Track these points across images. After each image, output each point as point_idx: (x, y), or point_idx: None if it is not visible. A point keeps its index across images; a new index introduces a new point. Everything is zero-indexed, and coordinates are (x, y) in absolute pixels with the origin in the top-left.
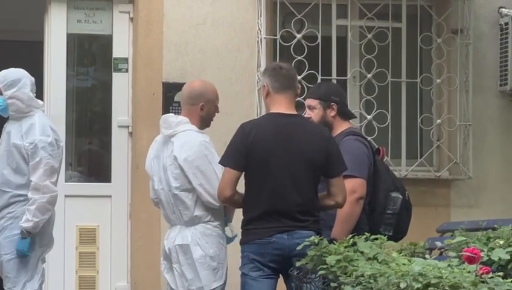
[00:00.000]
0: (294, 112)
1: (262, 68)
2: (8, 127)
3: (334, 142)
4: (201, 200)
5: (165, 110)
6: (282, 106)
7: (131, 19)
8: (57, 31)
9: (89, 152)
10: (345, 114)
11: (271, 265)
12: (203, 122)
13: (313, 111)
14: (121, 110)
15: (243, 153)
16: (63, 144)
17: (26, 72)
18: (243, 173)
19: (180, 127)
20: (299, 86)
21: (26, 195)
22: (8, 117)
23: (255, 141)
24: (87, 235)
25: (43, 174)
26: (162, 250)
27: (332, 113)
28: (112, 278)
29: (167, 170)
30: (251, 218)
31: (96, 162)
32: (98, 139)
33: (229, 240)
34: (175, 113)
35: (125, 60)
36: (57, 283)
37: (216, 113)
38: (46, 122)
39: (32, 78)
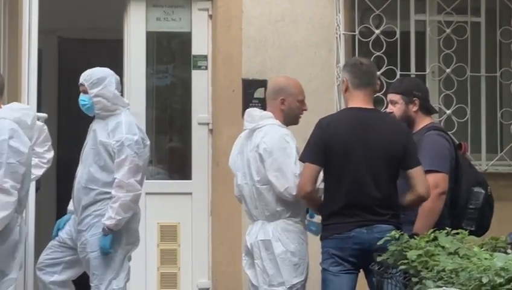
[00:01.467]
0: (372, 107)
1: (341, 64)
2: (94, 125)
3: (412, 136)
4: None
5: (245, 107)
6: (360, 101)
7: (210, 16)
8: (136, 29)
9: (169, 150)
10: (427, 109)
11: (351, 260)
12: (287, 118)
13: (395, 106)
14: (200, 108)
15: (321, 148)
16: (149, 142)
17: (111, 71)
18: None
19: (263, 121)
20: (379, 83)
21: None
22: (94, 116)
23: (333, 136)
24: (168, 233)
25: (128, 172)
26: (244, 246)
27: (415, 108)
28: (193, 275)
29: (250, 164)
30: (330, 213)
31: (177, 159)
32: (178, 137)
33: (319, 228)
34: None
35: (205, 57)
36: (139, 280)
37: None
38: (133, 121)
39: (117, 77)
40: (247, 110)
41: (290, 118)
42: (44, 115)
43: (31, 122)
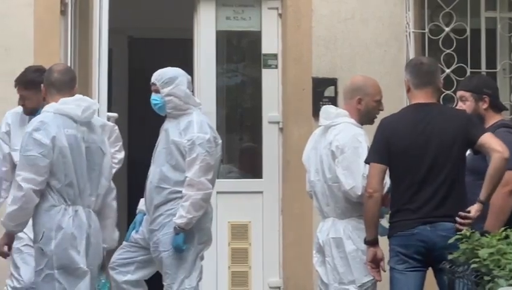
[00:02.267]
0: (432, 102)
1: None
2: (166, 124)
3: (474, 119)
4: None
5: (315, 105)
6: (421, 99)
7: (280, 15)
8: (206, 28)
9: (239, 149)
10: (497, 107)
11: (416, 257)
12: (363, 117)
13: (465, 103)
14: (271, 106)
15: (384, 146)
16: (220, 141)
17: (182, 70)
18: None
19: (338, 119)
20: (441, 80)
21: None
22: (165, 116)
23: (394, 133)
24: (239, 231)
25: (199, 170)
26: (315, 243)
27: (485, 106)
28: (264, 273)
29: (323, 161)
30: (395, 210)
31: (247, 158)
32: (248, 136)
33: (385, 231)
34: None
35: (275, 56)
36: (210, 279)
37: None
38: (204, 120)
39: (189, 77)
40: (324, 106)
41: (365, 118)
42: (115, 114)
43: (83, 114)
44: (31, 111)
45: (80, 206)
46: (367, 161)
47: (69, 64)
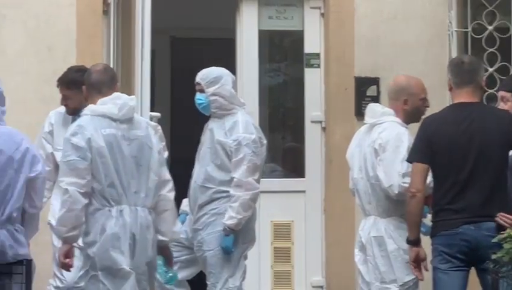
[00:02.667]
0: (475, 101)
1: None
2: (211, 124)
3: None
4: None
5: (358, 105)
6: (463, 98)
7: (322, 15)
8: (248, 28)
9: (282, 148)
10: None
11: (459, 256)
12: (409, 116)
13: (506, 103)
14: (313, 106)
15: (426, 145)
16: (265, 141)
17: (227, 70)
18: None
19: (384, 118)
20: (483, 79)
21: (229, 191)
22: (209, 115)
23: (436, 132)
24: (282, 231)
25: (246, 171)
26: (357, 241)
27: None
28: (306, 272)
29: (366, 159)
30: (438, 209)
31: (290, 157)
32: (291, 135)
33: (429, 230)
34: None
35: (317, 55)
36: (253, 278)
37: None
38: (249, 120)
39: (233, 77)
40: (370, 104)
41: (412, 117)
42: (158, 114)
43: (120, 111)
44: (73, 111)
45: (125, 205)
46: (409, 160)
47: (111, 65)
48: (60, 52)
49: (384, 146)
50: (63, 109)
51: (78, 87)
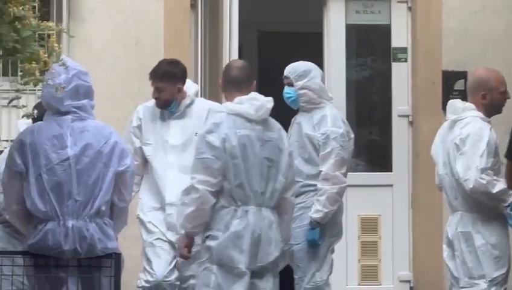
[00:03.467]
0: None
1: None
2: (298, 118)
3: None
4: None
5: (445, 99)
6: None
7: (410, 9)
8: (335, 22)
9: (369, 142)
10: None
11: None
12: (489, 110)
13: None
14: (400, 100)
15: None
16: (353, 136)
17: (315, 64)
18: None
19: (465, 113)
20: None
21: (316, 185)
22: (297, 109)
23: None
24: (369, 225)
25: (334, 164)
26: (445, 237)
27: None
28: (394, 267)
29: (450, 155)
30: None
31: (377, 151)
32: (378, 129)
33: None
34: None
35: (404, 49)
36: (340, 272)
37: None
38: (337, 114)
39: (321, 71)
40: (450, 101)
41: (492, 110)
42: None
43: (257, 112)
44: (165, 104)
45: (251, 206)
46: (506, 156)
47: (199, 59)
48: (147, 46)
49: (464, 140)
50: (150, 103)
51: (171, 80)
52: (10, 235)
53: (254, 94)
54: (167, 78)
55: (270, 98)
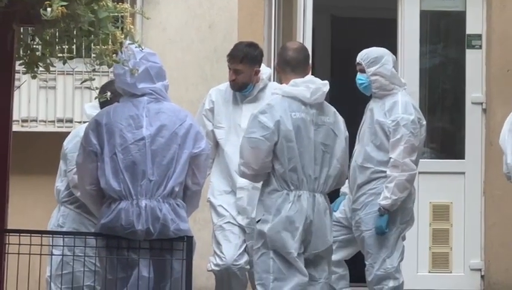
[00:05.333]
0: None
1: None
2: (371, 104)
3: None
4: None
5: None
6: None
7: None
8: (410, 8)
9: (442, 129)
10: None
11: None
12: None
13: None
14: (474, 87)
15: None
16: (425, 123)
17: (387, 50)
18: None
19: None
20: None
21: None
22: (371, 95)
23: None
24: (441, 212)
25: (403, 151)
26: None
27: None
28: (465, 255)
29: None
30: None
31: (449, 139)
32: (450, 116)
33: None
34: None
35: (479, 36)
36: (411, 259)
37: None
38: (409, 101)
39: (394, 57)
40: None
41: None
42: None
43: (312, 96)
44: (242, 86)
45: (304, 191)
46: None
47: (272, 43)
48: (221, 29)
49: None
50: (223, 86)
51: (250, 62)
52: (82, 216)
53: (310, 77)
54: (247, 60)
55: (326, 82)
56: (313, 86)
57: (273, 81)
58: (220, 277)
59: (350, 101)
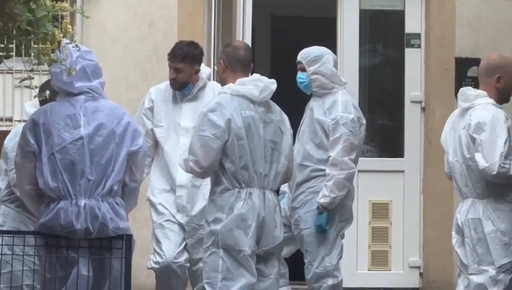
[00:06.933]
0: None
1: None
2: (311, 103)
3: None
4: None
5: (458, 86)
6: None
7: None
8: (349, 7)
9: (381, 128)
10: None
11: None
12: (501, 96)
13: None
14: (413, 86)
15: None
16: (364, 121)
17: (328, 49)
18: None
19: (478, 100)
20: None
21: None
22: (311, 94)
23: None
24: (380, 211)
25: (342, 150)
26: (454, 224)
27: None
28: (404, 253)
29: (462, 142)
30: None
31: (389, 137)
32: (390, 115)
33: None
34: None
35: (418, 35)
36: (350, 257)
37: None
38: (349, 100)
39: (335, 56)
40: (461, 89)
41: (503, 96)
42: None
43: (261, 94)
44: (182, 85)
45: (254, 188)
46: None
47: (212, 41)
48: (161, 28)
49: (481, 127)
50: (163, 85)
51: (190, 61)
52: (23, 215)
53: (257, 75)
54: (187, 59)
55: (274, 80)
56: (261, 84)
57: (213, 80)
58: (160, 275)
59: (290, 100)
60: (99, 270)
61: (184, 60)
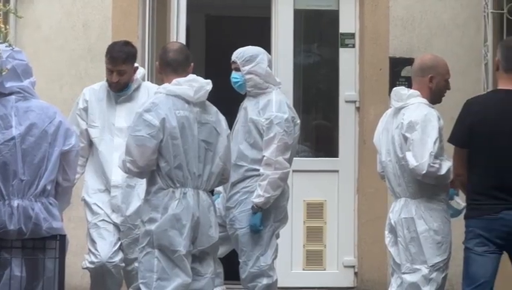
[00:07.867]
0: None
1: (489, 43)
2: (245, 103)
3: None
4: None
5: (392, 85)
6: (509, 84)
7: None
8: (283, 7)
9: (316, 127)
10: None
11: (497, 241)
12: (433, 96)
13: None
14: (347, 86)
15: (468, 130)
16: (299, 121)
17: (263, 49)
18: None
19: (411, 100)
20: None
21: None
22: (245, 94)
23: (479, 117)
24: (315, 210)
25: (276, 149)
26: (388, 223)
27: None
28: (338, 252)
29: (395, 141)
30: (477, 193)
31: (324, 137)
32: (324, 115)
33: (457, 212)
34: None
35: (352, 35)
36: (285, 257)
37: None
38: (283, 99)
39: (269, 56)
40: (395, 88)
41: (435, 97)
42: None
43: (196, 94)
44: (124, 86)
45: (189, 188)
46: (450, 141)
47: (146, 41)
48: (95, 28)
49: (413, 126)
50: (97, 85)
51: (131, 61)
52: None
53: (193, 76)
54: (129, 60)
55: (209, 81)
56: (196, 85)
57: (150, 80)
58: (94, 275)
59: (225, 99)
60: (32, 271)
61: (126, 61)
